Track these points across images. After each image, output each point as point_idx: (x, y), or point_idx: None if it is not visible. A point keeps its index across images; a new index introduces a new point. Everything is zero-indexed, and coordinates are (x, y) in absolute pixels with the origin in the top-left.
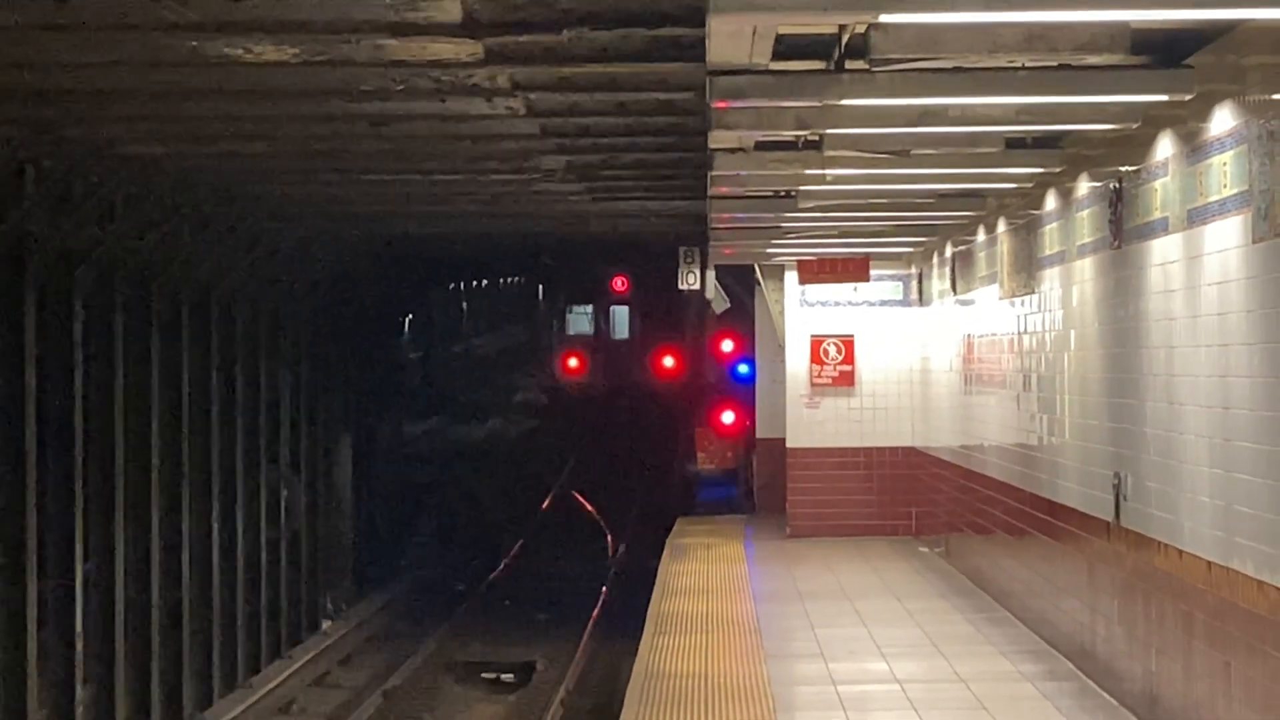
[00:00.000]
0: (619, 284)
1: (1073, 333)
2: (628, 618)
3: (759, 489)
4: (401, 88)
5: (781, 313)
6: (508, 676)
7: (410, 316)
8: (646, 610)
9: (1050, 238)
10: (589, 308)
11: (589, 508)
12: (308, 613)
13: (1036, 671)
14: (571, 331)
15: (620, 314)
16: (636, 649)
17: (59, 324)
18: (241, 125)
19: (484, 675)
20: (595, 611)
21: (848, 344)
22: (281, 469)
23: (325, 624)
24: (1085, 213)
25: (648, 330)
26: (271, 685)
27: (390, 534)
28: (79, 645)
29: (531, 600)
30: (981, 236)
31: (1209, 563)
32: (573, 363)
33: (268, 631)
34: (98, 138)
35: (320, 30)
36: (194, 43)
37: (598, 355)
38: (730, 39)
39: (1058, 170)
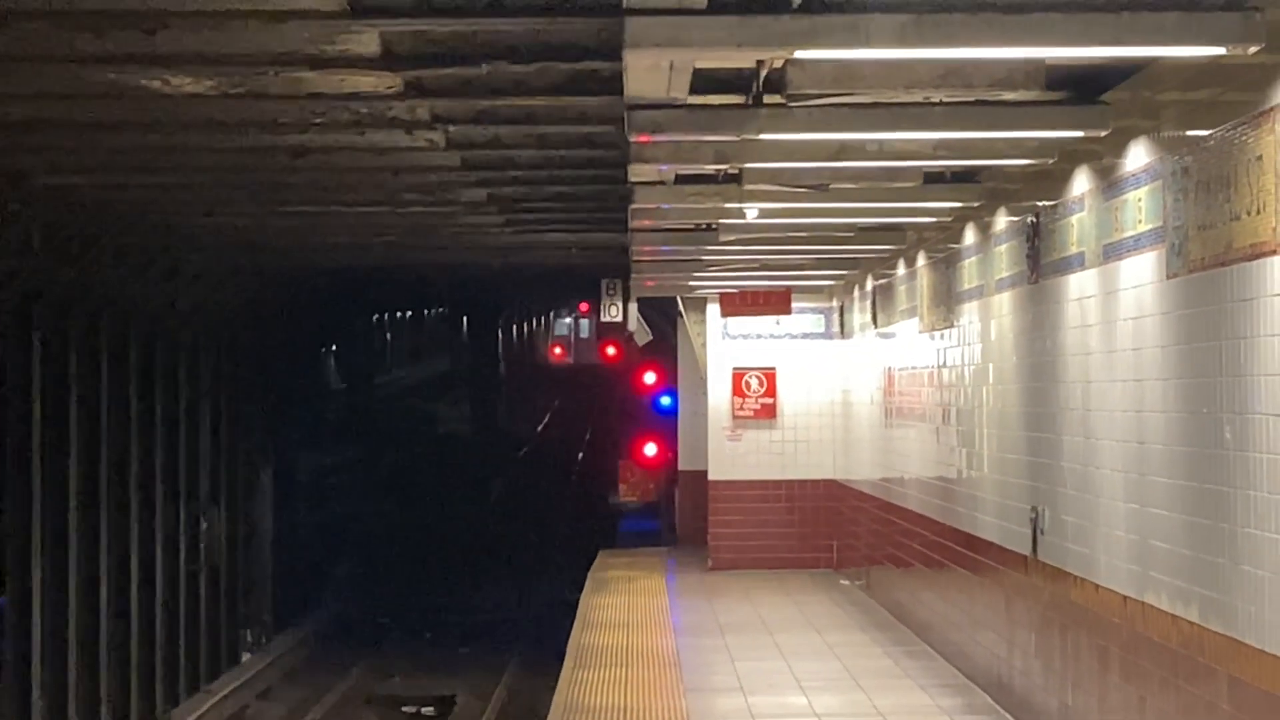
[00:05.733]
0: (583, 307)
1: (991, 366)
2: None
3: (681, 521)
4: (320, 120)
5: (704, 345)
6: (428, 710)
7: (334, 347)
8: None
9: (969, 272)
10: (568, 319)
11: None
12: (227, 645)
13: (955, 705)
14: (556, 333)
15: (584, 324)
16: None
17: None
18: (160, 156)
19: (404, 709)
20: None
21: (769, 376)
22: (201, 500)
23: (245, 656)
24: (1003, 247)
25: (600, 333)
26: (190, 719)
27: (311, 566)
28: None
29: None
30: (901, 270)
31: (1124, 597)
32: (558, 350)
33: (187, 664)
34: (14, 168)
35: (238, 63)
36: (112, 75)
37: (572, 346)
38: (647, 73)
39: (976, 205)
